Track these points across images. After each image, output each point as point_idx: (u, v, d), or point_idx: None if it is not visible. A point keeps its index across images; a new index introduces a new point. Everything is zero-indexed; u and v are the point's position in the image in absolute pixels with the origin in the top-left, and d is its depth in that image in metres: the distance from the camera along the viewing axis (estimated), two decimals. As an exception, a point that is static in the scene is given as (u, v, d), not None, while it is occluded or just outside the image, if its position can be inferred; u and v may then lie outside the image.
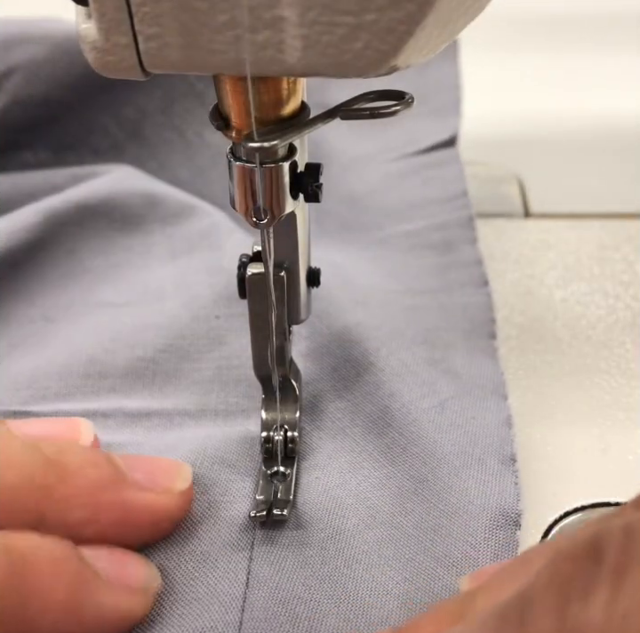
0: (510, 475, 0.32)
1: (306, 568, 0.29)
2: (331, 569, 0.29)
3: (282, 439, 0.32)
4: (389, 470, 0.32)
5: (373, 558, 0.30)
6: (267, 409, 0.33)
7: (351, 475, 0.32)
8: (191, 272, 0.41)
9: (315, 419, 0.35)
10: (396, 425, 0.34)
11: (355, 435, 0.34)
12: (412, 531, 0.30)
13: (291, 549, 0.30)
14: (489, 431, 0.34)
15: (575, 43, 0.62)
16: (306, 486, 0.32)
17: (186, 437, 0.34)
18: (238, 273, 0.30)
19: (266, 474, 0.32)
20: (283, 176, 0.26)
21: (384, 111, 0.25)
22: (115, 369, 0.37)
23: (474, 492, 0.31)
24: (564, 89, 0.58)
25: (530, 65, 0.59)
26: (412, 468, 0.32)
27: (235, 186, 0.27)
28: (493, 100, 0.54)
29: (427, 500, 0.31)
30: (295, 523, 0.31)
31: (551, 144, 0.53)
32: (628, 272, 0.43)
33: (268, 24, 0.21)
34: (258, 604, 0.28)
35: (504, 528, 0.30)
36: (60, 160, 0.47)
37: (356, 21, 0.21)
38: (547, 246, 0.45)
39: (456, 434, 0.34)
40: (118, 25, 0.22)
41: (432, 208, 0.46)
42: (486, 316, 0.40)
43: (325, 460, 0.33)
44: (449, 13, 0.22)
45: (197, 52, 0.22)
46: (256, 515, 0.30)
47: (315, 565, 0.29)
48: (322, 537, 0.30)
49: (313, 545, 0.30)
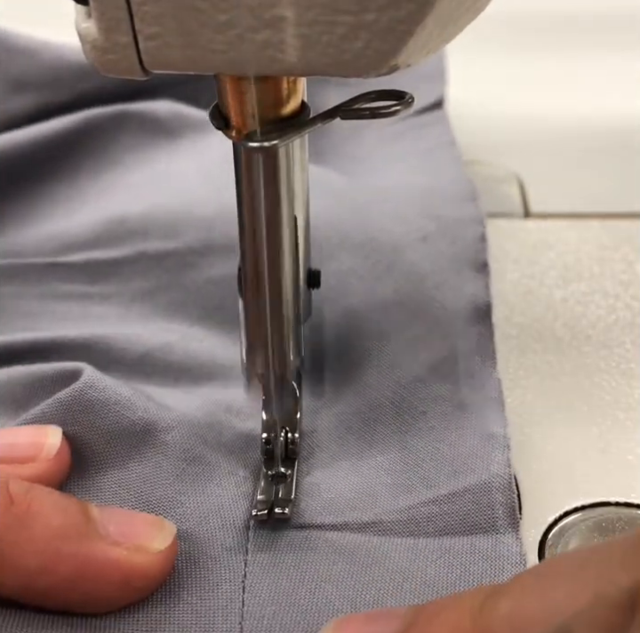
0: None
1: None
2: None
3: (282, 440, 0.32)
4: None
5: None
6: (267, 410, 0.33)
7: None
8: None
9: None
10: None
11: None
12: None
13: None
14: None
15: (575, 43, 0.62)
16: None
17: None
18: (238, 272, 0.30)
19: (266, 475, 0.32)
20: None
21: (384, 111, 0.25)
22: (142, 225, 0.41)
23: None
24: (565, 89, 0.58)
25: (530, 65, 0.59)
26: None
27: None
28: (493, 100, 0.54)
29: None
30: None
31: (551, 144, 0.53)
32: (628, 272, 0.43)
33: (268, 24, 0.21)
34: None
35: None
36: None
37: (356, 21, 0.21)
38: (547, 246, 0.45)
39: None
40: (118, 24, 0.22)
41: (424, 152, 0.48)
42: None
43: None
44: (449, 13, 0.22)
45: (197, 52, 0.22)
46: (257, 514, 0.30)
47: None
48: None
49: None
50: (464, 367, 0.35)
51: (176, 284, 0.40)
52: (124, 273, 0.40)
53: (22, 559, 0.25)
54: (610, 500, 0.32)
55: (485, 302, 0.38)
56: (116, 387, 0.32)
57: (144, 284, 0.40)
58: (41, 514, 0.26)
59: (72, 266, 0.41)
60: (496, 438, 0.32)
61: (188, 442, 0.32)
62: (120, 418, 0.31)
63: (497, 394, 0.34)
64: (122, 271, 0.40)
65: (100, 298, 0.40)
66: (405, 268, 0.38)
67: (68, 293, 0.40)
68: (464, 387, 0.34)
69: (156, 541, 0.28)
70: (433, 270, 0.38)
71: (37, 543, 0.26)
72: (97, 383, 0.32)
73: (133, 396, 0.32)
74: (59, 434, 0.31)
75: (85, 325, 0.38)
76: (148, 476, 0.31)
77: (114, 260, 0.40)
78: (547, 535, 0.31)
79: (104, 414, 0.31)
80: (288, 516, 0.30)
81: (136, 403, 0.32)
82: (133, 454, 0.31)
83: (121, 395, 0.32)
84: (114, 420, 0.31)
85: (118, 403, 0.32)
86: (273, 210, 0.28)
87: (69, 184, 0.45)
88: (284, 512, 0.30)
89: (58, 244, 0.41)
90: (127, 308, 0.39)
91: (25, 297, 0.40)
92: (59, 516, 0.26)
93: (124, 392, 0.32)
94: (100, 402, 0.31)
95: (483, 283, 0.38)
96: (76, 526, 0.27)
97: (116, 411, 0.31)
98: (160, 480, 0.31)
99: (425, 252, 0.39)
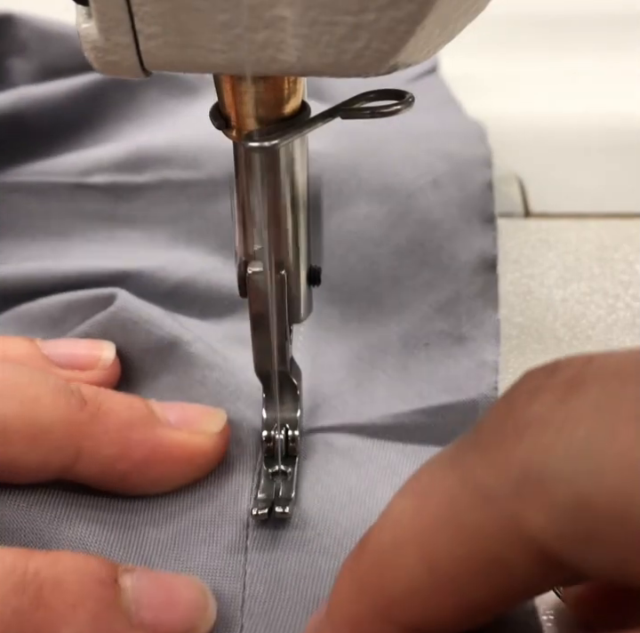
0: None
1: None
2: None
3: (283, 438, 0.32)
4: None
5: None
6: (267, 408, 0.33)
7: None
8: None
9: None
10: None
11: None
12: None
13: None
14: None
15: (575, 43, 0.62)
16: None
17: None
18: (238, 272, 0.30)
19: (267, 473, 0.32)
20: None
21: (385, 110, 0.25)
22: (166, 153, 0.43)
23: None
24: (564, 89, 0.58)
25: (530, 65, 0.60)
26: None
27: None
28: (493, 100, 0.54)
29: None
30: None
31: (551, 144, 0.53)
32: (628, 272, 0.43)
33: (268, 24, 0.22)
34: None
35: None
36: None
37: (356, 21, 0.21)
38: (547, 246, 0.45)
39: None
40: (119, 24, 0.22)
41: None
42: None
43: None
44: (449, 13, 0.22)
45: (198, 52, 0.22)
46: (258, 513, 0.30)
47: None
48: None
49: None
50: (467, 308, 0.39)
51: (197, 212, 0.42)
52: (148, 198, 0.43)
53: (100, 449, 0.29)
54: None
55: (492, 256, 0.41)
56: (146, 308, 0.36)
57: (166, 211, 0.43)
58: (111, 410, 0.30)
59: (97, 187, 0.43)
60: (488, 364, 0.36)
61: (209, 354, 0.35)
62: (150, 335, 0.35)
63: (495, 331, 0.38)
64: (145, 195, 0.43)
65: (124, 220, 0.43)
66: (418, 215, 0.41)
67: (94, 214, 0.43)
68: (465, 324, 0.38)
69: (211, 425, 0.31)
70: (443, 219, 0.41)
71: (111, 434, 0.29)
72: (129, 305, 0.36)
73: (161, 316, 0.36)
74: (113, 348, 0.34)
75: (113, 250, 0.41)
76: (176, 383, 0.34)
77: (137, 184, 0.43)
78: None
79: (136, 332, 0.35)
80: (288, 515, 0.30)
81: (164, 321, 0.36)
82: (163, 366, 0.35)
83: (150, 314, 0.36)
84: (145, 337, 0.35)
85: (148, 322, 0.35)
86: (274, 209, 0.28)
87: (95, 130, 0.47)
88: (284, 511, 0.30)
89: (83, 166, 0.44)
90: (151, 233, 0.42)
91: (55, 216, 0.43)
92: (126, 410, 0.30)
93: (152, 312, 0.36)
94: (132, 321, 0.35)
95: (490, 237, 0.42)
96: (142, 417, 0.30)
97: (146, 329, 0.35)
98: (185, 387, 0.34)
99: (436, 199, 0.42)
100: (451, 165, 0.44)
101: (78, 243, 0.42)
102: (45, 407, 0.29)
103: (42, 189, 0.44)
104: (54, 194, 0.44)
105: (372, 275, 0.40)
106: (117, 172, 0.44)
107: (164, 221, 0.43)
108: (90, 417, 0.29)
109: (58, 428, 0.28)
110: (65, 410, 0.29)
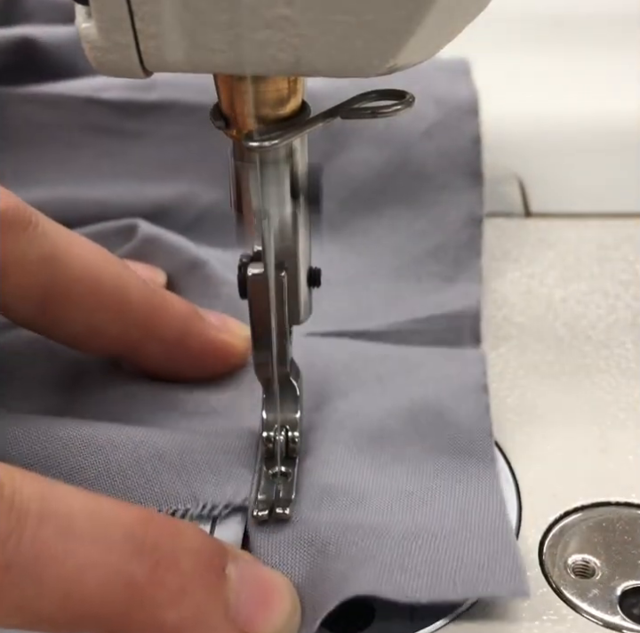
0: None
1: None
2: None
3: (283, 439, 0.32)
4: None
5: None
6: (267, 409, 0.33)
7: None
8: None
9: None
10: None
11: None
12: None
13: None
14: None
15: (575, 43, 0.62)
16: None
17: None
18: (239, 274, 0.30)
19: (267, 474, 0.32)
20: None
21: (385, 111, 0.25)
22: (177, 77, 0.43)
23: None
24: (564, 89, 0.58)
25: (529, 65, 0.59)
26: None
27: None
28: (493, 101, 0.54)
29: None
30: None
31: (551, 144, 0.53)
32: (628, 272, 0.43)
33: (268, 23, 0.21)
34: None
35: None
36: None
37: (356, 21, 0.21)
38: (547, 246, 0.45)
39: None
40: (119, 24, 0.22)
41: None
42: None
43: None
44: (449, 13, 0.22)
45: (198, 51, 0.22)
46: (258, 514, 0.30)
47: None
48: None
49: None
50: (454, 255, 0.43)
51: (207, 134, 0.42)
52: (158, 115, 0.45)
53: (164, 332, 0.34)
54: (610, 500, 0.32)
55: (479, 215, 0.44)
56: (166, 235, 0.41)
57: (176, 129, 0.45)
58: (171, 302, 0.35)
59: (108, 103, 0.46)
60: (472, 294, 0.41)
61: (221, 272, 0.40)
62: (172, 258, 0.40)
63: (477, 274, 0.42)
64: (156, 113, 0.45)
65: (135, 135, 0.45)
66: (414, 168, 0.45)
67: (106, 128, 0.46)
68: (452, 267, 0.43)
69: (243, 330, 0.35)
70: (436, 173, 0.45)
71: (173, 321, 0.35)
72: (150, 236, 0.41)
73: (179, 241, 0.41)
74: (164, 275, 0.40)
75: (125, 168, 0.45)
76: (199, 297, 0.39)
77: (148, 103, 0.46)
78: (547, 535, 0.31)
79: (160, 257, 0.40)
80: (288, 516, 0.30)
81: (182, 246, 0.41)
82: (185, 285, 0.40)
83: (171, 238, 0.41)
84: (168, 260, 0.40)
85: (172, 245, 0.41)
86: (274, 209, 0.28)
87: None
88: (284, 512, 0.30)
89: (96, 85, 0.46)
90: (161, 150, 0.45)
91: (67, 128, 0.46)
92: (185, 306, 0.36)
93: (171, 237, 0.41)
94: (154, 249, 0.41)
95: (477, 194, 0.45)
96: (195, 315, 0.35)
97: (170, 252, 0.41)
98: (206, 298, 0.39)
99: (430, 150, 0.46)
100: (441, 113, 0.46)
101: (90, 158, 0.45)
102: (132, 288, 0.34)
103: (55, 101, 0.46)
104: (67, 107, 0.46)
105: (372, 220, 0.44)
106: (129, 90, 0.46)
107: (173, 138, 0.45)
108: (161, 301, 0.35)
109: (138, 306, 0.34)
110: (144, 293, 0.34)
